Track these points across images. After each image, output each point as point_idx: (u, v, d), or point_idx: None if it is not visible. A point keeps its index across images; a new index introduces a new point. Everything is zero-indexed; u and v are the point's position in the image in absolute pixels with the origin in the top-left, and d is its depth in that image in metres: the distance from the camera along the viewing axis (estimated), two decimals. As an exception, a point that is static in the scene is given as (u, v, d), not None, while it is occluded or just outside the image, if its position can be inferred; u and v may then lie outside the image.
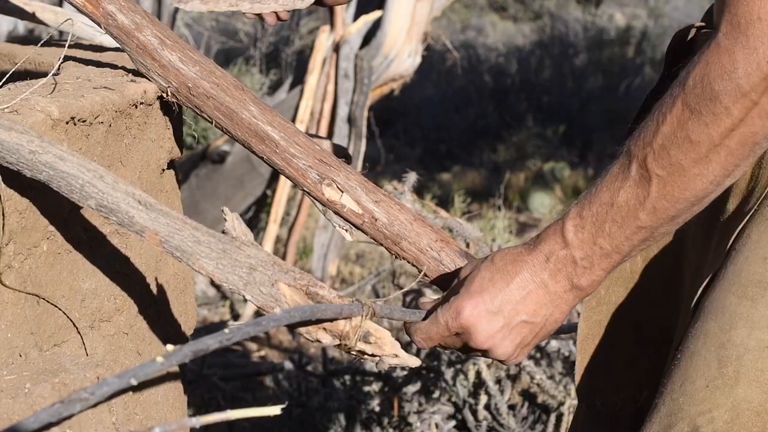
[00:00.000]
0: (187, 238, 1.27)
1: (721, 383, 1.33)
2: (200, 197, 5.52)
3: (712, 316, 1.37)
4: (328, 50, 5.35)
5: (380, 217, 1.50)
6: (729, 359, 1.33)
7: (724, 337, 1.35)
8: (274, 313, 1.24)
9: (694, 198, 1.28)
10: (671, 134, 1.26)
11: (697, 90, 1.24)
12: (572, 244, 1.33)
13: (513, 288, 1.35)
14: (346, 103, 5.32)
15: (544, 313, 1.36)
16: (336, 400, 3.56)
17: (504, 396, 3.36)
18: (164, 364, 1.06)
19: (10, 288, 1.28)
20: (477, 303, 1.36)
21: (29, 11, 1.93)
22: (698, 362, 1.36)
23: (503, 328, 1.36)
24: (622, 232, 1.31)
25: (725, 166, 1.26)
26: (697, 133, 1.25)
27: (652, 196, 1.28)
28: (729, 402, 1.32)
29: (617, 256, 1.33)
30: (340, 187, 1.49)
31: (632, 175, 1.29)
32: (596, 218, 1.31)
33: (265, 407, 1.02)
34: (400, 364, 1.37)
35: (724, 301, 1.37)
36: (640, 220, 1.30)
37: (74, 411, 0.99)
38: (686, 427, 1.34)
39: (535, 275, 1.35)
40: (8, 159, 1.23)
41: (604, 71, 10.06)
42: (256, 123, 1.47)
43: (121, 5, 1.44)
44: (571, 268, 1.34)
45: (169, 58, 1.45)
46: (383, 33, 5.32)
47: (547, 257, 1.34)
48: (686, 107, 1.25)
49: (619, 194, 1.30)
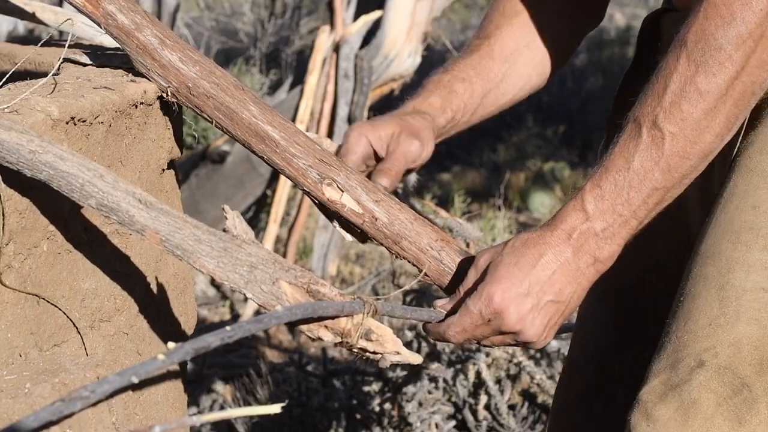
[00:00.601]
0: (188, 236, 1.27)
1: (723, 321, 1.43)
2: (200, 197, 5.52)
3: (709, 261, 1.46)
4: (328, 50, 5.35)
5: (380, 216, 1.50)
6: (729, 300, 1.43)
7: (723, 279, 1.44)
8: (276, 310, 1.24)
9: (702, 153, 1.37)
10: (680, 90, 1.35)
11: (700, 44, 1.34)
12: (593, 216, 1.40)
13: (539, 270, 1.40)
14: (346, 103, 5.32)
15: (569, 291, 1.42)
16: (336, 400, 3.56)
17: (504, 396, 3.36)
18: (165, 361, 1.06)
19: (10, 288, 1.28)
20: (507, 287, 1.40)
21: (29, 11, 1.93)
22: (700, 303, 1.45)
23: (533, 309, 1.41)
24: (640, 195, 1.38)
25: (729, 117, 1.36)
26: (706, 83, 1.34)
27: (666, 154, 1.36)
28: (731, 338, 1.42)
29: (634, 222, 1.40)
30: (340, 187, 1.49)
31: (644, 138, 1.37)
32: (615, 185, 1.39)
33: (265, 406, 1.02)
34: (401, 361, 1.37)
35: (719, 247, 1.46)
36: (656, 180, 1.37)
37: (75, 409, 0.99)
38: (692, 362, 1.42)
39: (559, 254, 1.41)
40: (8, 159, 1.23)
41: (604, 71, 10.07)
42: (257, 123, 1.47)
43: (121, 5, 1.43)
44: (593, 241, 1.40)
45: (169, 58, 1.45)
46: (383, 33, 5.32)
47: (569, 234, 1.40)
48: (692, 62, 1.34)
49: (634, 158, 1.38)
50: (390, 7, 5.30)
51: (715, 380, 1.41)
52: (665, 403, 1.43)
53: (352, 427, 3.50)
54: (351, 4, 5.48)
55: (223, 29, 9.51)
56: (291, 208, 5.74)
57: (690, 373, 1.42)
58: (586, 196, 1.40)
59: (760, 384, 1.41)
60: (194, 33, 9.06)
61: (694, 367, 1.42)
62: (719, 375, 1.41)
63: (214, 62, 1.49)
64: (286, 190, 5.40)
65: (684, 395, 1.42)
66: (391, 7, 5.29)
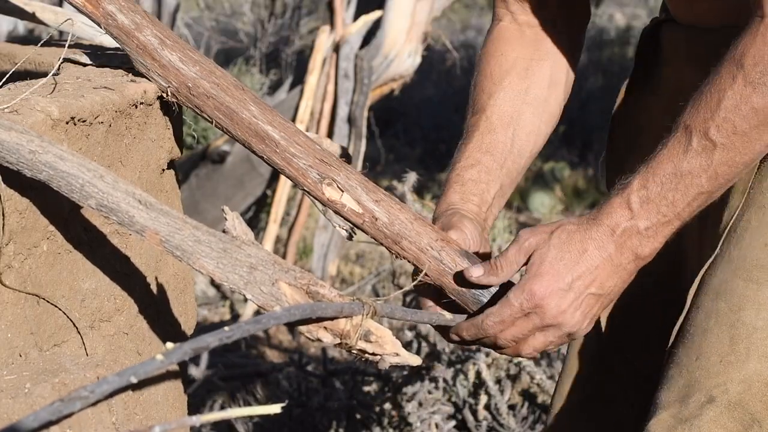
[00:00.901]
0: (188, 237, 1.27)
1: (733, 359, 1.46)
2: (200, 197, 5.52)
3: (721, 297, 1.50)
4: (328, 50, 5.35)
5: (380, 216, 1.50)
6: (740, 337, 1.47)
7: (734, 317, 1.48)
8: (275, 311, 1.24)
9: (750, 160, 1.41)
10: (734, 107, 1.38)
11: (759, 68, 1.36)
12: (638, 215, 1.42)
13: (582, 265, 1.44)
14: (346, 103, 5.32)
15: (610, 285, 1.45)
16: (336, 400, 3.56)
17: (504, 396, 3.36)
18: (164, 362, 1.06)
19: (10, 288, 1.28)
20: (549, 282, 1.43)
21: (29, 11, 1.93)
22: (711, 340, 1.48)
23: (573, 302, 1.44)
24: (685, 198, 1.41)
25: None
26: (763, 103, 1.37)
27: (714, 163, 1.40)
28: (741, 375, 1.45)
29: (677, 223, 1.43)
30: (340, 187, 1.49)
31: (694, 146, 1.40)
32: (661, 188, 1.41)
33: (265, 406, 1.02)
34: (401, 362, 1.37)
35: (731, 284, 1.50)
36: (702, 186, 1.41)
37: (74, 409, 0.99)
38: (703, 398, 1.46)
39: (602, 250, 1.44)
40: (8, 159, 1.23)
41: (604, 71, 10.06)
42: (256, 123, 1.47)
43: (121, 5, 1.43)
44: (636, 239, 1.43)
45: (169, 58, 1.45)
46: (383, 33, 5.32)
47: (612, 230, 1.43)
48: (748, 83, 1.37)
49: (683, 164, 1.41)
50: (390, 7, 5.30)
51: (725, 416, 1.44)
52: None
53: (352, 427, 3.50)
54: (351, 4, 5.48)
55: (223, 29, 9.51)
56: (291, 208, 5.74)
57: (700, 408, 1.45)
58: (632, 196, 1.42)
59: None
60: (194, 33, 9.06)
61: (705, 402, 1.45)
62: (729, 411, 1.44)
63: (214, 62, 1.49)
64: (286, 190, 5.40)
65: (694, 430, 1.45)
66: (391, 7, 5.29)
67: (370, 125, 5.92)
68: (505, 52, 1.74)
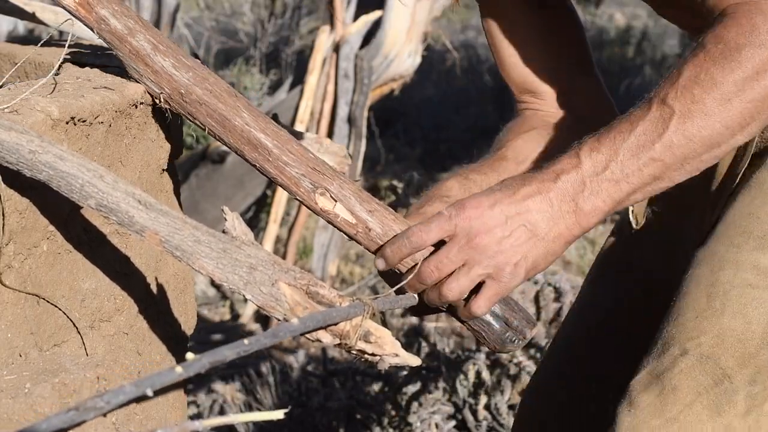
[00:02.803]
0: (187, 237, 1.28)
1: (709, 314, 1.47)
2: (200, 197, 5.52)
3: (703, 262, 1.52)
4: (328, 50, 5.35)
5: (374, 227, 1.47)
6: (716, 295, 1.48)
7: (713, 277, 1.49)
8: (291, 323, 1.23)
9: (708, 140, 1.38)
10: (694, 75, 1.37)
11: (720, 46, 1.36)
12: (585, 165, 1.40)
13: (517, 196, 1.41)
14: (346, 103, 5.32)
15: (544, 227, 1.41)
16: (336, 400, 3.56)
17: (504, 396, 3.36)
18: (182, 374, 1.05)
19: (10, 288, 1.28)
20: (480, 200, 1.41)
21: (29, 11, 1.93)
22: (689, 300, 1.50)
23: (503, 226, 1.40)
24: (635, 161, 1.39)
25: (744, 115, 1.37)
26: (721, 75, 1.36)
27: (669, 130, 1.38)
28: (715, 329, 1.46)
29: (625, 186, 1.40)
30: (333, 197, 1.45)
31: (652, 111, 1.39)
32: (613, 144, 1.40)
33: (269, 411, 1.02)
34: (400, 363, 1.37)
35: (713, 249, 1.52)
36: (655, 151, 1.38)
37: (88, 418, 0.99)
38: (677, 351, 1.47)
39: (541, 189, 1.41)
40: (8, 159, 1.23)
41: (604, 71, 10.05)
42: (249, 130, 1.44)
43: (114, 10, 1.41)
44: (579, 188, 1.40)
45: (162, 64, 1.42)
46: (383, 33, 5.32)
47: (557, 175, 1.41)
48: (709, 57, 1.37)
49: (637, 126, 1.39)
50: (390, 7, 5.30)
51: (696, 369, 1.45)
52: (648, 390, 1.46)
53: (352, 427, 3.50)
54: (351, 4, 5.48)
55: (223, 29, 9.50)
56: (291, 208, 5.74)
57: (673, 361, 1.46)
58: (583, 147, 1.41)
59: (740, 376, 1.44)
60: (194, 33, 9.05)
61: (678, 355, 1.46)
62: (701, 364, 1.45)
63: (208, 69, 1.47)
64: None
65: (665, 382, 1.45)
66: (391, 7, 5.29)
67: (370, 125, 5.92)
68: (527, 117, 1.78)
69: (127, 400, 1.01)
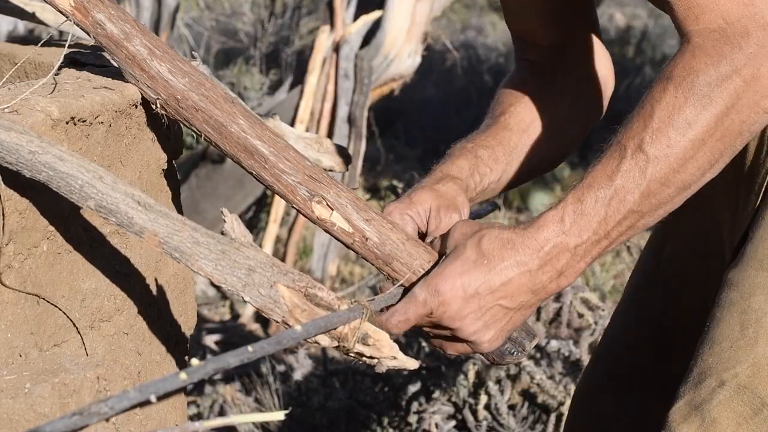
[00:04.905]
0: (186, 239, 1.28)
1: (743, 343, 1.48)
2: (200, 197, 5.52)
3: (734, 287, 1.51)
4: (328, 50, 5.35)
5: (371, 236, 1.46)
6: (749, 322, 1.48)
7: (744, 304, 1.49)
8: (294, 330, 1.24)
9: (682, 183, 1.37)
10: (668, 117, 1.35)
11: (689, 79, 1.34)
12: (570, 231, 1.38)
13: (495, 274, 1.39)
14: (346, 103, 5.32)
15: (522, 300, 1.41)
16: (336, 400, 3.56)
17: (504, 396, 3.36)
18: (186, 380, 1.06)
19: (10, 288, 1.28)
20: (455, 284, 1.39)
21: (29, 11, 1.93)
22: (723, 327, 1.50)
23: (476, 311, 1.40)
24: (616, 216, 1.38)
25: (714, 153, 1.36)
26: (694, 115, 1.34)
27: (647, 179, 1.36)
28: (750, 359, 1.47)
29: (605, 243, 1.40)
30: (330, 205, 1.44)
31: (628, 159, 1.37)
32: (595, 202, 1.38)
33: (269, 412, 1.02)
34: (398, 366, 1.37)
35: (743, 274, 1.51)
36: (634, 203, 1.37)
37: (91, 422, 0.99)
38: (714, 382, 1.47)
39: (522, 264, 1.39)
40: (8, 159, 1.23)
41: (604, 71, 10.02)
42: (245, 137, 1.43)
43: (111, 14, 1.40)
44: (564, 256, 1.39)
45: (158, 69, 1.41)
46: (383, 33, 5.32)
47: (541, 246, 1.39)
48: (680, 93, 1.35)
49: (616, 178, 1.37)
50: (390, 7, 5.30)
51: (735, 400, 1.46)
52: (688, 422, 1.47)
53: (352, 427, 3.50)
54: (351, 4, 5.47)
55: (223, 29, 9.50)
56: (291, 208, 5.73)
57: (711, 392, 1.47)
58: (567, 208, 1.39)
59: None
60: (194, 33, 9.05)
61: (715, 387, 1.47)
62: (739, 394, 1.46)
63: (205, 74, 1.46)
64: (286, 190, 5.38)
65: (705, 414, 1.46)
66: (391, 7, 5.29)
67: (370, 125, 5.92)
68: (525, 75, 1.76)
69: (130, 406, 1.02)
